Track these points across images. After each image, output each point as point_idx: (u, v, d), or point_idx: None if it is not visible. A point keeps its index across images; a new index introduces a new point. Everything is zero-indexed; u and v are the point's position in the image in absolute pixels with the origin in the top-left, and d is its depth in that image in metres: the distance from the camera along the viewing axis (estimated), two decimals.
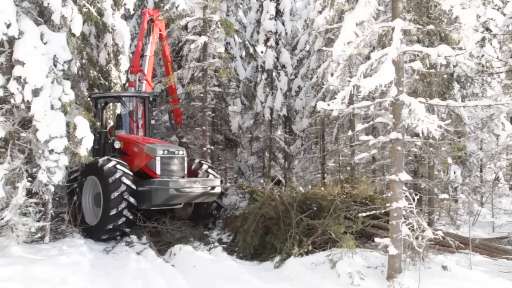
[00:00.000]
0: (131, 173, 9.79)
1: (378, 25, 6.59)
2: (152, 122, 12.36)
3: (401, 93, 6.51)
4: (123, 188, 9.41)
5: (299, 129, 16.28)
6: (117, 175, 9.48)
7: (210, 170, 11.00)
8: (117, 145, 10.86)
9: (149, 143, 10.67)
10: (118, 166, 9.63)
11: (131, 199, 9.51)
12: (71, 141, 8.33)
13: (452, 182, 11.09)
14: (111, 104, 13.92)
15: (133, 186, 9.62)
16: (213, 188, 10.33)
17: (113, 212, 9.33)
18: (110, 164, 9.64)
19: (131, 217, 9.54)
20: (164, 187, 9.67)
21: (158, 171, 10.13)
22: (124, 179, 9.49)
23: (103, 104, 11.91)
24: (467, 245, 7.48)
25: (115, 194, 9.35)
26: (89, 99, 11.79)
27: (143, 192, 9.89)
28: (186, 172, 10.69)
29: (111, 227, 9.46)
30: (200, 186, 10.13)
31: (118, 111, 12.71)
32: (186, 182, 10.01)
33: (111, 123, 12.96)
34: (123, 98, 12.12)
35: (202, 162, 11.36)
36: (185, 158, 10.72)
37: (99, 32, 13.70)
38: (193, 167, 11.07)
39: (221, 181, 11.85)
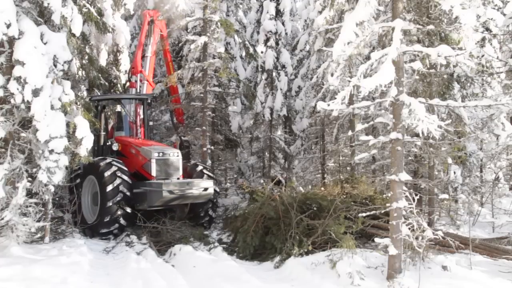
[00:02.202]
0: (126, 169, 10.07)
1: (378, 25, 6.59)
2: (150, 123, 12.46)
3: (401, 93, 6.51)
4: (118, 181, 9.72)
5: (299, 129, 16.28)
6: (113, 169, 9.81)
7: (204, 171, 11.29)
8: (115, 147, 11.12)
9: (146, 145, 10.88)
10: (114, 163, 9.98)
11: (127, 191, 9.76)
12: (71, 141, 8.34)
13: (452, 182, 11.09)
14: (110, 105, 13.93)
15: (129, 180, 9.91)
16: (206, 189, 10.52)
17: (110, 204, 9.59)
18: (106, 161, 10.03)
19: (128, 209, 9.76)
20: (158, 189, 9.87)
21: (153, 173, 10.38)
22: (119, 173, 9.81)
23: (102, 107, 11.96)
24: (467, 245, 7.48)
25: (111, 186, 9.64)
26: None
27: (139, 194, 10.14)
28: (181, 174, 10.89)
29: (108, 219, 9.67)
30: (193, 187, 10.34)
31: (116, 113, 12.77)
32: (179, 184, 10.21)
33: (111, 124, 12.99)
34: (121, 100, 12.21)
35: (197, 163, 11.72)
36: (180, 160, 10.91)
37: (99, 32, 13.69)
38: (188, 168, 11.34)
39: (218, 183, 11.97)
